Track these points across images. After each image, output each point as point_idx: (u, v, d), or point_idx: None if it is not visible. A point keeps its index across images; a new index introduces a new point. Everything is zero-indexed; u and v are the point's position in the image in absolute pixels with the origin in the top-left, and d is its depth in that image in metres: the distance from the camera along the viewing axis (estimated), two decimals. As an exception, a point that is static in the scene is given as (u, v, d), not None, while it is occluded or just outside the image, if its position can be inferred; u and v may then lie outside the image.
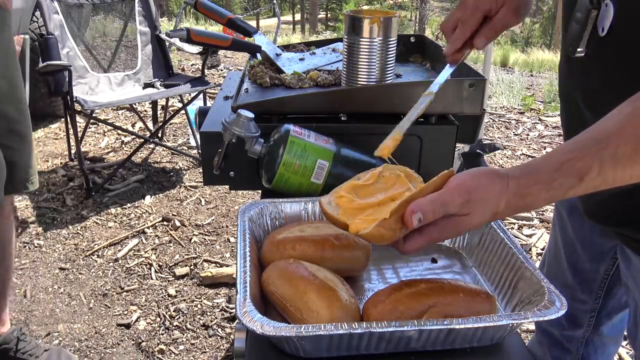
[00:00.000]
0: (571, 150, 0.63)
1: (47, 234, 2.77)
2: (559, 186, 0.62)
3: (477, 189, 0.64)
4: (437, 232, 0.66)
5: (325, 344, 0.66)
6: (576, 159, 0.61)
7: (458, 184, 0.65)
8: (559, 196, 0.63)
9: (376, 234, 0.65)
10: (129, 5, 3.64)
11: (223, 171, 1.05)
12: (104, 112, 4.47)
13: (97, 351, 2.03)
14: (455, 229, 0.66)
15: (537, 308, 0.68)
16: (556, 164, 0.62)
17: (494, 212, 0.64)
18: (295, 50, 1.49)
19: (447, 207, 0.63)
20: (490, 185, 0.64)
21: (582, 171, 0.61)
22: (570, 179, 0.61)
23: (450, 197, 0.64)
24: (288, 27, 22.85)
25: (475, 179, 0.65)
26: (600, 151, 0.60)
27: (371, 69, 1.11)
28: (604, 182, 0.61)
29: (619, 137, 0.60)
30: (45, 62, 2.93)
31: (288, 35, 11.85)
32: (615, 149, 0.60)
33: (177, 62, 6.12)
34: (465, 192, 0.64)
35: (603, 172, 0.60)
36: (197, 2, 1.44)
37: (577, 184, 0.61)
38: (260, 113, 1.05)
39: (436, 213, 0.63)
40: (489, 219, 0.65)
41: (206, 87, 3.33)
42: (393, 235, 0.66)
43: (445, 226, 0.65)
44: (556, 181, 0.62)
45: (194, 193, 3.25)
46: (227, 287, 2.40)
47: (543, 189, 0.62)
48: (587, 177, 0.61)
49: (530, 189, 0.63)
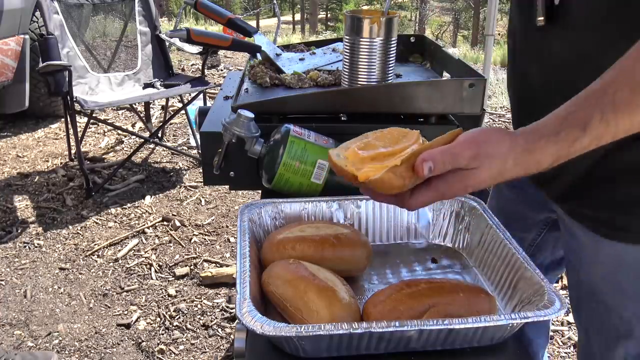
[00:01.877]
0: (573, 104, 0.65)
1: (47, 234, 2.77)
2: (565, 138, 0.63)
3: (487, 143, 0.65)
4: (445, 187, 0.66)
5: (325, 344, 0.66)
6: (578, 110, 0.64)
7: (468, 138, 0.66)
8: (565, 149, 0.64)
9: (386, 180, 0.65)
10: (129, 5, 3.64)
11: (223, 171, 1.05)
12: (104, 112, 4.47)
13: (97, 351, 2.03)
14: (462, 184, 0.66)
15: (537, 308, 0.68)
16: (560, 118, 0.65)
17: (502, 168, 0.65)
18: (295, 50, 1.49)
19: (457, 159, 0.64)
20: (500, 140, 0.65)
21: (585, 120, 0.63)
22: (575, 129, 0.63)
23: (460, 149, 0.64)
24: (288, 27, 22.85)
25: (485, 134, 0.66)
26: (599, 100, 0.63)
27: (371, 69, 1.11)
28: (606, 130, 0.63)
29: (615, 84, 0.63)
30: (45, 62, 2.93)
31: (288, 35, 11.85)
32: (612, 96, 0.62)
33: (177, 62, 6.12)
34: (475, 145, 0.65)
35: (605, 120, 0.62)
36: (197, 2, 1.44)
37: (582, 134, 0.63)
38: (260, 113, 1.05)
39: (446, 164, 0.64)
40: (496, 176, 0.66)
41: (206, 87, 3.33)
42: (402, 185, 0.66)
43: (453, 180, 0.66)
44: (562, 133, 0.64)
45: (194, 193, 3.25)
46: (227, 287, 2.40)
47: (550, 142, 0.64)
48: (590, 126, 0.63)
49: (537, 144, 0.64)
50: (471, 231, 0.91)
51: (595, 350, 0.96)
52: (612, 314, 0.91)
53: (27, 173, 3.43)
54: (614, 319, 0.91)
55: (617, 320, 0.90)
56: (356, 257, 0.83)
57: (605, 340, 0.93)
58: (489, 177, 0.65)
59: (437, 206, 0.94)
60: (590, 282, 0.94)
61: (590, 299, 0.95)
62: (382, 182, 0.65)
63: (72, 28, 3.35)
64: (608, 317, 0.92)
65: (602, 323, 0.94)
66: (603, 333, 0.93)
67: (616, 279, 0.89)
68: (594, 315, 0.95)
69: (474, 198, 0.93)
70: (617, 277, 0.89)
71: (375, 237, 0.95)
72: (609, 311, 0.91)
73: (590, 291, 0.95)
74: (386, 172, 0.64)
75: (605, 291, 0.91)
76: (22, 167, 3.52)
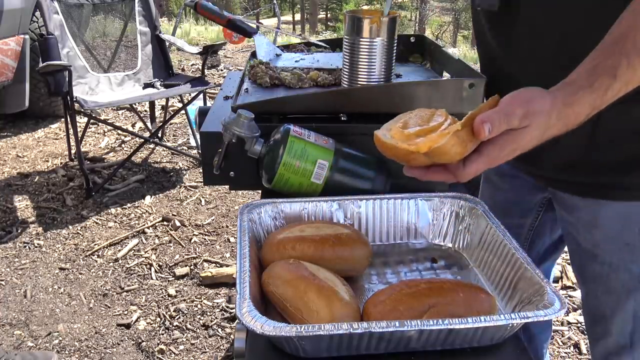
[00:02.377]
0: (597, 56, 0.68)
1: (47, 234, 2.77)
2: (599, 87, 0.66)
3: (534, 100, 0.67)
4: (497, 150, 0.67)
5: (325, 344, 0.66)
6: (604, 60, 0.67)
7: (515, 98, 0.68)
8: (600, 98, 0.67)
9: (450, 146, 0.65)
10: (129, 5, 3.64)
11: (223, 171, 1.05)
12: (104, 112, 4.47)
13: (97, 351, 2.03)
14: (513, 145, 0.67)
15: (537, 308, 0.68)
16: (589, 69, 0.68)
17: (547, 124, 0.67)
18: (295, 50, 1.49)
19: (511, 118, 0.65)
20: (542, 97, 0.67)
21: (613, 67, 0.66)
22: (606, 77, 0.66)
23: (512, 108, 0.66)
24: (288, 27, 22.84)
25: (529, 93, 0.68)
26: (623, 46, 0.66)
27: (371, 69, 1.11)
28: (634, 73, 0.66)
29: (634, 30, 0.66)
30: (45, 62, 2.93)
31: (288, 35, 11.84)
32: (633, 40, 0.66)
33: (177, 62, 6.12)
34: (524, 103, 0.66)
35: (631, 64, 0.66)
36: (196, 4, 1.45)
37: (613, 81, 0.66)
38: (260, 113, 1.05)
39: (502, 123, 0.65)
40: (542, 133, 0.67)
41: (206, 87, 3.33)
42: (464, 150, 0.67)
43: (505, 143, 0.67)
44: (595, 83, 0.67)
45: (194, 193, 3.25)
46: (227, 287, 2.40)
47: (586, 93, 0.67)
48: (619, 72, 0.66)
49: (575, 96, 0.67)
50: (471, 231, 0.91)
51: (605, 308, 0.98)
52: (619, 272, 0.94)
53: (27, 173, 3.43)
54: (622, 276, 0.94)
55: (625, 276, 0.93)
56: (356, 257, 0.83)
57: (615, 297, 0.96)
58: (537, 135, 0.68)
59: (437, 206, 0.94)
60: (592, 247, 0.97)
61: (593, 262, 0.98)
62: (445, 148, 0.66)
63: (72, 28, 3.35)
64: (615, 276, 0.95)
65: (609, 283, 0.96)
66: (612, 292, 0.96)
67: (621, 238, 0.92)
68: (600, 278, 0.97)
69: (473, 198, 0.93)
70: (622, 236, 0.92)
71: (375, 237, 0.95)
72: (615, 270, 0.94)
73: (592, 255, 0.97)
74: (450, 138, 0.65)
75: (609, 252, 0.94)
76: (22, 167, 3.52)
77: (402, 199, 0.94)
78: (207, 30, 10.07)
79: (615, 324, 0.96)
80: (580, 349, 2.06)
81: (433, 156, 0.67)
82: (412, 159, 0.69)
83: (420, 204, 0.94)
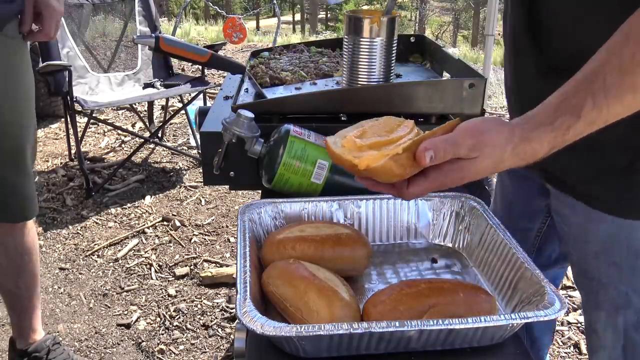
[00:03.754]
0: (565, 92, 0.66)
1: (47, 234, 2.77)
2: (560, 125, 0.64)
3: (488, 132, 0.65)
4: (442, 177, 0.66)
5: (325, 344, 0.66)
6: (570, 97, 0.65)
7: (468, 127, 0.66)
8: (560, 137, 0.65)
9: (387, 168, 0.65)
10: (129, 5, 3.64)
11: (223, 171, 1.05)
12: (104, 112, 4.47)
13: (97, 351, 2.03)
14: (460, 174, 0.66)
15: (537, 308, 0.68)
16: (554, 105, 0.66)
17: (500, 158, 0.65)
18: (295, 50, 1.49)
19: (458, 148, 0.64)
20: (499, 130, 0.66)
21: (578, 106, 0.64)
22: (569, 116, 0.64)
23: (461, 138, 0.65)
24: (288, 27, 22.84)
25: (485, 124, 0.67)
26: (590, 85, 0.64)
27: (371, 69, 1.11)
28: (599, 114, 0.64)
29: (604, 69, 0.64)
30: (45, 62, 2.93)
31: (288, 35, 11.85)
32: (603, 81, 0.63)
33: (177, 62, 6.12)
34: (475, 134, 0.65)
35: (597, 105, 0.63)
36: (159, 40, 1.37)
37: (576, 121, 0.64)
38: (260, 113, 1.05)
39: (447, 153, 0.64)
40: (494, 166, 0.66)
41: (206, 87, 3.33)
42: (402, 173, 0.66)
43: (451, 170, 0.66)
44: (557, 121, 0.64)
45: (194, 193, 3.25)
46: (227, 287, 2.40)
47: (547, 129, 0.65)
48: (584, 112, 0.64)
49: (534, 132, 0.65)
50: (471, 231, 0.91)
51: (596, 324, 0.98)
52: (608, 290, 0.93)
53: (27, 173, 3.42)
54: (611, 293, 0.93)
55: (613, 293, 0.93)
56: (356, 257, 0.83)
57: (605, 314, 0.95)
58: (487, 167, 0.66)
59: (437, 206, 0.94)
60: (582, 262, 0.97)
61: (583, 277, 0.98)
62: (383, 170, 0.65)
63: (72, 28, 3.34)
64: (604, 292, 0.94)
65: (598, 299, 0.96)
66: (601, 308, 0.96)
67: (609, 256, 0.91)
68: (590, 293, 0.98)
69: (474, 198, 0.93)
70: (610, 254, 0.91)
71: (375, 237, 0.95)
72: (604, 287, 0.94)
73: (583, 270, 0.97)
74: (387, 161, 0.64)
75: (597, 268, 0.94)
76: (22, 167, 3.52)
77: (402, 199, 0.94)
78: (207, 30, 10.07)
79: (607, 339, 0.96)
80: (581, 349, 2.05)
81: (370, 174, 0.67)
82: (356, 171, 0.68)
83: (420, 204, 0.94)
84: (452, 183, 0.67)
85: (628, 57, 0.62)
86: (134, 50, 3.63)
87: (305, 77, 1.24)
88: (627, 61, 0.62)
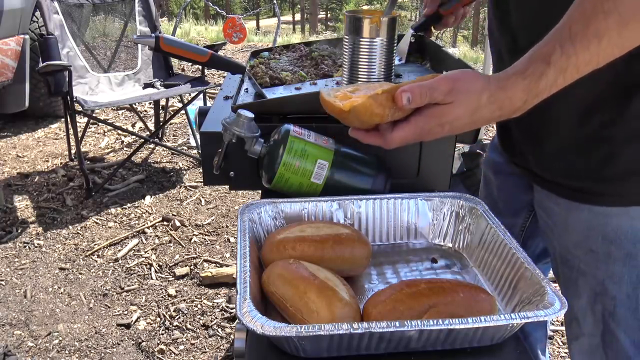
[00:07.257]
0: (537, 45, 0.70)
1: (47, 234, 2.77)
2: (532, 73, 0.68)
3: (463, 80, 0.70)
4: (423, 121, 0.71)
5: (325, 344, 0.66)
6: (542, 47, 0.69)
7: (447, 75, 0.72)
8: (534, 83, 0.69)
9: (367, 106, 0.71)
10: (129, 5, 3.64)
11: (223, 171, 1.05)
12: (104, 112, 4.47)
13: (97, 351, 2.03)
14: (439, 119, 0.71)
15: (537, 308, 0.68)
16: (527, 56, 0.70)
17: (477, 104, 0.70)
18: (294, 50, 1.49)
19: (434, 93, 0.69)
20: (475, 79, 0.70)
21: (547, 54, 0.68)
22: (540, 63, 0.68)
23: (437, 83, 0.70)
24: (288, 27, 22.83)
25: (461, 73, 0.72)
26: (558, 34, 0.68)
27: (371, 69, 1.11)
28: (568, 61, 0.67)
29: (570, 18, 0.68)
30: (45, 62, 2.93)
31: (288, 35, 11.85)
32: (569, 29, 0.67)
33: (177, 62, 6.12)
34: (451, 81, 0.70)
35: (565, 52, 0.67)
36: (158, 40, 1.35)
37: (547, 68, 0.68)
38: (260, 113, 1.05)
39: (423, 96, 0.69)
40: (472, 112, 0.70)
41: (206, 87, 3.33)
42: (382, 113, 0.71)
43: (431, 115, 0.71)
44: (529, 68, 0.68)
45: (194, 193, 3.25)
46: (227, 287, 2.40)
47: (519, 78, 0.69)
48: (552, 58, 0.67)
49: (509, 81, 0.69)
50: (471, 231, 0.91)
51: (576, 311, 1.00)
52: (587, 277, 0.95)
53: (27, 173, 3.43)
54: (590, 281, 0.95)
55: (592, 281, 0.95)
56: (356, 257, 0.83)
57: (585, 301, 0.97)
58: (465, 114, 0.70)
59: (437, 206, 0.94)
60: (564, 251, 0.99)
61: (564, 266, 1.00)
62: (363, 107, 0.71)
63: (72, 28, 3.35)
64: (584, 280, 0.96)
65: (577, 287, 0.98)
66: (581, 296, 0.97)
67: (587, 244, 0.94)
68: (569, 281, 1.00)
69: (473, 198, 0.93)
70: (587, 242, 0.93)
71: (375, 237, 0.95)
72: (583, 275, 0.96)
73: (564, 260, 1.00)
74: (367, 98, 0.70)
75: (577, 257, 0.96)
76: (22, 167, 3.52)
77: (402, 199, 0.94)
78: (207, 30, 10.07)
79: (586, 326, 0.98)
80: (580, 349, 2.06)
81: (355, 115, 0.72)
82: (344, 117, 0.74)
83: (420, 204, 0.94)
84: (432, 129, 0.72)
85: (590, 5, 0.66)
86: (134, 50, 3.63)
87: (305, 77, 1.24)
88: (589, 9, 0.66)
